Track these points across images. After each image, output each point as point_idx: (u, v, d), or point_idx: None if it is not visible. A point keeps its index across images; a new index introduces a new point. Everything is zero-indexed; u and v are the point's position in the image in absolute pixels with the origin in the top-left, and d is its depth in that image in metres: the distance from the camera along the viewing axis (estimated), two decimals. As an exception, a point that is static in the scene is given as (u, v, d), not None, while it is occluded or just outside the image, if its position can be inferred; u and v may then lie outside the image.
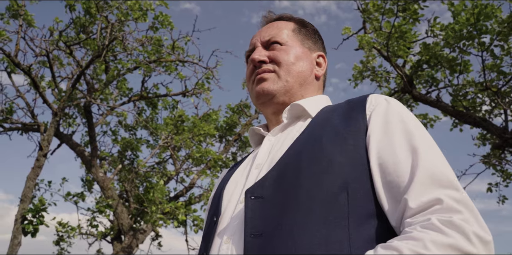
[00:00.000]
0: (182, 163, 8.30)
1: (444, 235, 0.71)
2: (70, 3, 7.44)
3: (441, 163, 0.82)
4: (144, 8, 7.45)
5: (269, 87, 1.10)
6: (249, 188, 0.91)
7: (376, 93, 1.27)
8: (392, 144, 0.86)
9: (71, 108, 8.17)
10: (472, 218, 0.74)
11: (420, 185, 0.78)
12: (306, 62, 1.15)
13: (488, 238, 0.72)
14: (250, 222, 0.85)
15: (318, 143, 0.92)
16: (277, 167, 0.92)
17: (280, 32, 1.17)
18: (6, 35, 7.14)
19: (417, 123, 0.91)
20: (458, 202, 0.75)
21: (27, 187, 5.65)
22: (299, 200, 0.83)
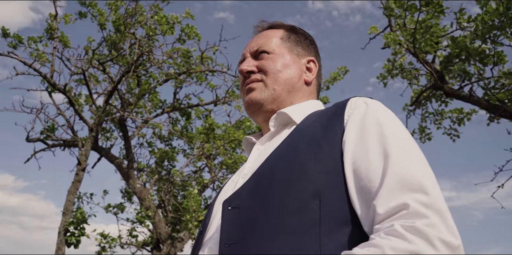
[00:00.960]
0: (218, 170, 8.42)
1: (405, 242, 0.69)
2: (101, 23, 7.78)
3: (414, 166, 0.80)
4: (171, 21, 7.67)
5: (257, 97, 1.12)
6: (226, 199, 0.92)
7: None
8: (366, 148, 0.85)
9: (108, 123, 8.50)
10: (440, 222, 0.71)
11: (389, 190, 0.77)
12: (294, 69, 1.16)
13: (455, 243, 0.70)
14: (225, 232, 0.87)
15: (293, 152, 0.92)
16: (254, 176, 0.93)
17: (268, 41, 1.19)
18: (45, 57, 7.55)
19: (395, 126, 0.89)
20: (426, 206, 0.73)
21: (68, 200, 5.91)
22: (272, 209, 0.84)
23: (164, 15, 7.57)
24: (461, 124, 7.79)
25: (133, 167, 7.47)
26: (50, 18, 7.60)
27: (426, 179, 0.77)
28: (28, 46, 7.91)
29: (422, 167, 0.80)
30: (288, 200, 0.84)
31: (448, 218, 0.73)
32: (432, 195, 0.75)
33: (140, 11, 7.75)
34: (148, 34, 7.64)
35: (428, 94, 7.54)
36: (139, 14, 7.64)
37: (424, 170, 0.80)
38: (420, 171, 0.79)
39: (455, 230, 0.72)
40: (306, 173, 0.86)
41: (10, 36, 7.64)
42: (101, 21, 7.70)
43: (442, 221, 0.72)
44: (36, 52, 7.96)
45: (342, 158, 0.86)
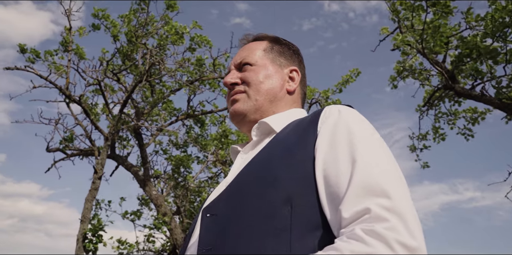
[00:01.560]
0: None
1: (364, 245, 0.71)
2: (114, 34, 7.98)
3: (379, 172, 0.82)
4: (180, 31, 7.82)
5: (240, 107, 1.17)
6: (205, 207, 0.97)
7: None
8: (336, 156, 0.87)
9: (124, 132, 8.68)
10: (400, 225, 0.73)
11: (354, 195, 0.79)
12: (276, 79, 1.20)
13: (414, 244, 0.71)
14: (202, 238, 0.91)
15: (268, 160, 0.96)
16: (231, 185, 0.98)
17: (251, 54, 1.23)
18: (63, 69, 7.79)
19: (365, 134, 0.91)
20: (387, 210, 0.75)
21: (86, 208, 6.07)
22: (245, 215, 0.88)
23: (173, 25, 7.72)
24: (475, 124, 7.70)
25: (149, 174, 7.61)
26: (65, 31, 7.84)
27: (389, 184, 0.80)
28: (45, 60, 8.19)
29: (387, 172, 0.83)
30: (261, 206, 0.87)
31: (410, 221, 0.74)
32: (394, 199, 0.77)
33: (152, 21, 7.93)
34: (159, 44, 7.81)
35: (441, 95, 7.49)
36: (151, 24, 7.81)
37: (389, 176, 0.82)
38: (385, 177, 0.81)
39: (416, 232, 0.74)
40: (278, 180, 0.89)
41: (27, 52, 7.93)
42: (114, 33, 7.89)
43: (402, 224, 0.73)
44: (54, 65, 8.22)
45: (314, 164, 0.89)
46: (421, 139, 7.62)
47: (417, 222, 0.76)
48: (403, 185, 0.82)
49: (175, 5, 7.99)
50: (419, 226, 0.76)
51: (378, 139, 0.92)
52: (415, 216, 0.77)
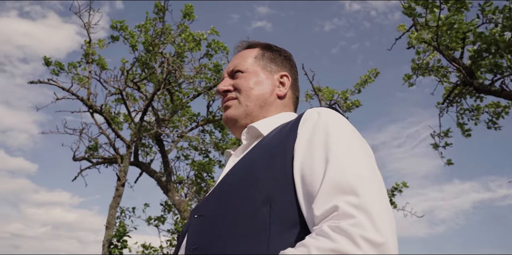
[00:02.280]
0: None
1: (329, 240, 0.74)
2: (132, 44, 8.19)
3: (350, 171, 0.85)
4: (197, 38, 7.96)
5: (231, 113, 1.23)
6: (194, 208, 1.04)
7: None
8: (312, 156, 0.91)
9: (146, 139, 8.87)
10: (366, 221, 0.75)
11: (325, 194, 0.82)
12: (266, 85, 1.25)
13: (380, 240, 0.73)
14: (190, 238, 0.97)
15: (251, 162, 1.01)
16: (217, 187, 1.04)
17: (242, 61, 1.29)
18: (86, 80, 8.04)
19: (341, 135, 0.94)
20: (355, 207, 0.78)
21: (110, 214, 6.24)
22: (227, 216, 0.93)
23: (190, 33, 7.86)
24: (499, 118, 7.54)
25: (171, 180, 7.76)
26: (85, 44, 8.10)
27: (359, 182, 0.82)
28: (69, 72, 8.48)
29: (359, 172, 0.85)
30: (242, 207, 0.92)
31: (377, 217, 0.77)
32: (362, 196, 0.79)
33: (168, 29, 8.10)
34: (177, 52, 7.97)
35: (461, 91, 7.36)
36: (167, 33, 7.98)
37: (360, 175, 0.85)
38: (355, 175, 0.84)
39: (384, 228, 0.76)
40: (259, 181, 0.94)
41: (52, 64, 8.22)
42: (132, 43, 8.10)
43: (369, 220, 0.75)
44: (77, 76, 8.50)
45: (293, 165, 0.93)
46: (442, 136, 7.50)
47: (386, 218, 0.78)
48: (375, 183, 0.85)
49: (192, 13, 8.15)
50: (389, 222, 0.78)
51: (355, 141, 0.95)
52: (385, 212, 0.79)
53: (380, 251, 0.73)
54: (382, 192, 0.84)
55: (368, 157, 0.93)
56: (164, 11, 7.70)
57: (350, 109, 9.69)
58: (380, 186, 0.86)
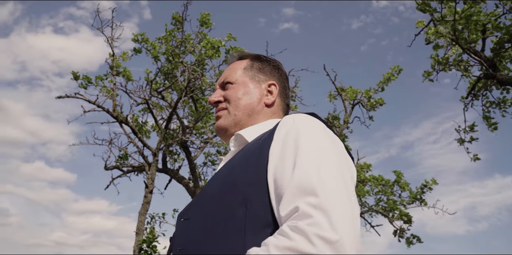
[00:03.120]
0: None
1: (287, 239, 0.78)
2: (154, 55, 8.44)
3: (313, 173, 0.89)
4: (216, 45, 8.12)
5: (222, 123, 1.28)
6: (180, 212, 1.10)
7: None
8: (283, 161, 0.95)
9: (173, 146, 9.10)
10: (323, 220, 0.79)
11: (290, 195, 0.87)
12: (254, 94, 1.30)
13: (334, 238, 0.77)
14: (176, 240, 1.05)
15: (231, 168, 1.06)
16: (202, 191, 1.10)
17: (232, 73, 1.34)
18: (112, 91, 8.34)
19: (312, 139, 0.98)
20: (314, 207, 0.82)
21: (140, 221, 6.46)
22: (208, 218, 0.99)
23: (209, 40, 8.03)
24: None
25: (198, 185, 7.93)
26: (110, 57, 8.41)
27: (321, 183, 0.86)
28: (97, 84, 8.81)
29: (322, 173, 0.89)
30: (220, 209, 0.98)
31: (335, 216, 0.80)
32: (321, 197, 0.83)
33: (188, 39, 8.30)
34: (197, 60, 8.16)
35: (485, 83, 7.20)
36: (187, 42, 8.19)
37: (323, 177, 0.88)
38: (318, 177, 0.88)
39: (341, 226, 0.79)
40: (236, 185, 0.99)
41: (80, 78, 8.58)
42: (154, 54, 8.35)
43: (326, 219, 0.79)
44: (105, 89, 8.83)
45: (267, 169, 0.97)
46: (468, 131, 7.35)
47: (345, 217, 0.82)
48: (338, 185, 0.88)
49: (209, 21, 8.34)
50: (347, 221, 0.82)
51: (324, 146, 0.98)
52: (344, 211, 0.83)
53: (334, 248, 0.76)
54: (344, 193, 0.88)
55: (336, 160, 0.96)
56: (182, 22, 7.92)
57: (374, 108, 9.63)
58: (343, 187, 0.89)
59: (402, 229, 9.37)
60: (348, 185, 0.92)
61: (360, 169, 9.50)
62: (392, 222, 9.16)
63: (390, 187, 9.69)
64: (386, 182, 9.73)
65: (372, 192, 9.60)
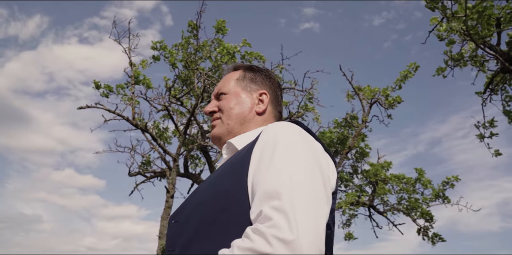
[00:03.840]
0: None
1: (249, 240, 0.85)
2: (172, 62, 8.65)
3: (282, 179, 0.94)
4: (231, 51, 8.27)
5: (216, 132, 1.35)
6: (172, 214, 1.18)
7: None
8: (260, 168, 1.01)
9: (194, 151, 9.28)
10: (283, 222, 0.84)
11: (258, 200, 0.93)
12: (246, 103, 1.36)
13: (289, 238, 0.82)
14: (168, 241, 1.13)
15: (218, 175, 1.13)
16: (190, 196, 1.18)
17: (226, 84, 1.41)
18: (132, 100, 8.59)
19: (287, 147, 1.03)
20: (276, 210, 0.87)
21: (162, 225, 6.64)
22: (194, 221, 1.07)
23: (224, 47, 8.19)
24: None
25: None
26: (130, 66, 8.66)
27: (286, 188, 0.91)
28: (118, 93, 9.08)
29: (289, 179, 0.94)
30: (206, 213, 1.05)
31: (294, 217, 0.85)
32: (284, 200, 0.88)
33: (205, 45, 8.48)
34: (214, 66, 8.32)
35: (503, 78, 7.11)
36: (204, 48, 8.36)
37: (289, 181, 0.93)
38: (285, 183, 0.93)
39: (300, 227, 0.84)
40: (221, 191, 1.06)
41: (101, 87, 8.85)
42: (171, 61, 8.56)
43: (285, 221, 0.84)
44: (126, 97, 9.09)
45: (248, 175, 1.03)
46: (487, 126, 7.27)
47: (306, 218, 0.87)
48: (304, 189, 0.93)
49: (225, 28, 8.49)
50: (308, 222, 0.86)
51: (298, 153, 1.02)
52: (305, 213, 0.88)
53: (290, 248, 0.81)
54: (310, 196, 0.92)
55: (306, 165, 1.00)
56: (197, 29, 8.09)
57: (393, 106, 9.59)
58: (310, 190, 0.93)
59: (426, 227, 9.30)
60: (317, 188, 0.97)
61: (381, 167, 9.47)
62: (414, 220, 9.11)
63: (412, 185, 9.63)
64: (408, 180, 9.67)
65: (393, 191, 9.55)
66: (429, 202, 9.38)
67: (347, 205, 7.58)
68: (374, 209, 9.40)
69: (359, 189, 9.50)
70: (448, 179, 9.36)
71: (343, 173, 9.64)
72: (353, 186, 9.74)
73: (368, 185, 9.65)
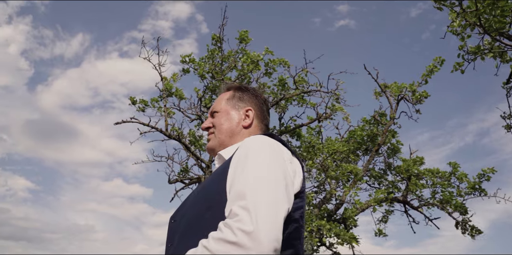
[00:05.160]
0: (333, 182, 8.94)
1: (220, 232, 1.05)
2: (200, 74, 9.13)
3: (249, 183, 1.14)
4: (255, 60, 8.64)
5: (210, 144, 1.59)
6: (172, 215, 1.42)
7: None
8: (234, 174, 1.22)
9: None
10: (246, 217, 1.04)
11: (230, 201, 1.14)
12: (234, 119, 1.58)
13: (249, 229, 1.01)
14: (168, 238, 1.35)
15: (208, 180, 1.37)
16: (188, 197, 1.43)
17: (218, 103, 1.64)
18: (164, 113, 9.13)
19: (256, 157, 1.23)
20: (242, 208, 1.07)
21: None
22: (187, 221, 1.29)
23: (248, 55, 8.58)
24: None
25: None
26: (162, 80, 9.22)
27: (251, 190, 1.12)
28: (153, 106, 9.66)
29: (255, 183, 1.14)
30: (196, 212, 1.27)
31: (256, 213, 1.05)
32: (249, 200, 1.09)
33: (231, 55, 8.90)
34: (240, 75, 8.73)
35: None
36: (228, 59, 8.79)
37: (255, 185, 1.14)
38: (251, 186, 1.13)
39: (260, 221, 1.04)
40: (207, 194, 1.29)
41: (137, 103, 9.46)
42: (200, 73, 9.04)
43: (248, 216, 1.05)
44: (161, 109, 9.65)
45: (226, 181, 1.24)
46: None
47: (267, 214, 1.07)
48: (266, 190, 1.13)
49: (248, 38, 8.88)
50: (268, 217, 1.06)
51: (263, 160, 1.23)
52: (267, 210, 1.07)
53: (250, 237, 1.01)
54: (271, 196, 1.12)
55: (270, 170, 1.20)
56: (221, 41, 8.54)
57: (421, 101, 9.63)
58: (271, 191, 1.14)
59: (464, 220, 9.26)
60: (278, 190, 1.16)
61: (413, 163, 9.52)
62: (450, 214, 9.10)
63: (447, 178, 9.61)
64: (443, 174, 9.66)
65: (428, 185, 9.56)
66: (465, 195, 9.33)
67: (376, 202, 7.74)
68: (409, 204, 9.47)
69: (391, 185, 9.59)
70: (484, 171, 9.28)
71: (374, 170, 9.76)
72: (386, 183, 9.83)
73: (401, 181, 9.72)
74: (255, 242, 1.00)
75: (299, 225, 1.26)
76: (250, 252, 0.99)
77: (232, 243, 1.01)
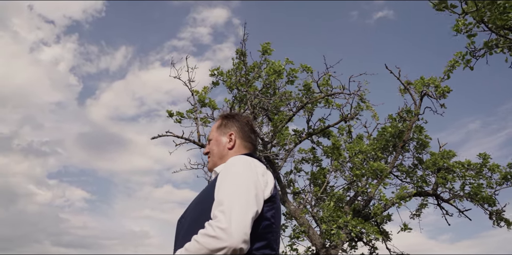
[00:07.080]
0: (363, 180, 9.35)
1: (205, 229, 1.39)
2: (228, 85, 9.80)
3: (227, 193, 1.48)
4: (277, 70, 9.20)
5: (208, 166, 1.98)
6: (180, 217, 1.76)
7: None
8: (218, 187, 1.56)
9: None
10: (223, 218, 1.37)
11: (214, 207, 1.47)
12: (222, 144, 1.94)
13: (224, 226, 1.34)
14: (175, 238, 1.70)
15: (205, 189, 1.71)
16: (192, 202, 1.77)
17: (211, 132, 2.02)
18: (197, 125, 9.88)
19: (234, 173, 1.58)
20: (220, 211, 1.41)
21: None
22: (189, 221, 1.63)
23: (270, 67, 9.17)
24: None
25: (286, 192, 9.03)
26: (193, 95, 9.97)
27: (228, 198, 1.46)
28: (188, 117, 10.44)
29: (231, 193, 1.48)
30: (195, 215, 1.62)
31: (230, 215, 1.38)
32: (225, 205, 1.42)
33: (256, 66, 9.52)
34: (264, 84, 9.34)
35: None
36: (253, 70, 9.41)
37: (231, 194, 1.48)
38: (228, 195, 1.48)
39: (233, 221, 1.36)
40: (203, 201, 1.63)
41: (174, 115, 10.28)
42: (228, 84, 9.72)
43: (225, 217, 1.38)
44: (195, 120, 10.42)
45: (215, 191, 1.57)
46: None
47: (238, 215, 1.39)
48: (239, 198, 1.46)
49: (270, 50, 9.47)
50: (237, 217, 1.38)
51: (238, 175, 1.57)
52: (238, 212, 1.40)
53: (225, 232, 1.34)
54: (243, 202, 1.45)
55: (243, 185, 1.52)
56: (245, 55, 9.17)
57: (444, 95, 9.80)
58: (243, 199, 1.46)
59: (498, 211, 9.38)
60: (249, 198, 1.48)
61: (441, 156, 9.72)
62: (482, 205, 9.25)
63: (480, 170, 9.73)
64: (474, 165, 9.79)
65: (458, 178, 9.75)
66: (497, 186, 9.44)
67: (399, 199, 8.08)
68: (439, 198, 9.69)
69: (420, 180, 9.84)
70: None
71: (402, 165, 10.04)
72: (415, 178, 10.09)
73: (431, 174, 9.95)
74: (228, 235, 1.33)
75: (271, 222, 1.60)
76: (225, 243, 1.32)
77: (212, 236, 1.35)
